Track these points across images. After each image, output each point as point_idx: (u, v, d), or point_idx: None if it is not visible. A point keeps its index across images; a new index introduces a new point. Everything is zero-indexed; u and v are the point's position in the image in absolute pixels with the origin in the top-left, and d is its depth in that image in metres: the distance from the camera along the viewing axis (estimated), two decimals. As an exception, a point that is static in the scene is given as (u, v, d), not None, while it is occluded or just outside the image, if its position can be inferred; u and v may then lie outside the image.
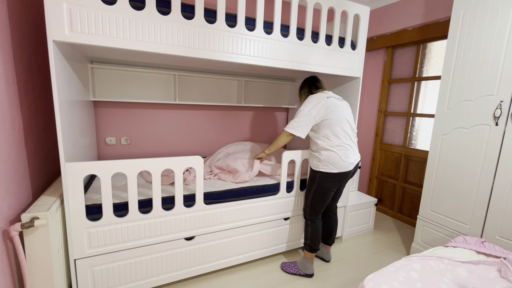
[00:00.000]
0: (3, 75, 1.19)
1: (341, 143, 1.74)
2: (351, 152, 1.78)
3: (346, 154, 1.74)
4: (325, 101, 1.74)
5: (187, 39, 1.47)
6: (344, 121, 1.76)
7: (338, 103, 1.79)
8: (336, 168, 1.74)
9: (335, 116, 1.73)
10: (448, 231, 1.93)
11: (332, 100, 1.77)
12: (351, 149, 1.78)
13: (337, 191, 1.95)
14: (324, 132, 1.75)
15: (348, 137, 1.77)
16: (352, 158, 1.77)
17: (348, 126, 1.78)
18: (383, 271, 1.24)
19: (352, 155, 1.78)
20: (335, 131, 1.73)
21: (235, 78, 2.66)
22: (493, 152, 1.67)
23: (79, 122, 1.67)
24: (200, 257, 1.77)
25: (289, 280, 1.85)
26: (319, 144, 1.77)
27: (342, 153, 1.73)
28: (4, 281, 1.14)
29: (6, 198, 1.19)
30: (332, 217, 2.03)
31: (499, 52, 1.63)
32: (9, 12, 1.26)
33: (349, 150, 1.76)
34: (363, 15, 2.06)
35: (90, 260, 1.46)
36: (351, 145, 1.78)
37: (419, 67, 2.71)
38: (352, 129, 1.82)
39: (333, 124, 1.73)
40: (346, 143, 1.75)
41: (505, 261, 1.30)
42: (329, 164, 1.74)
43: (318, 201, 1.84)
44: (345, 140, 1.75)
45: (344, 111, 1.79)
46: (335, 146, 1.73)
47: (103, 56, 1.89)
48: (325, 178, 1.77)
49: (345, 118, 1.77)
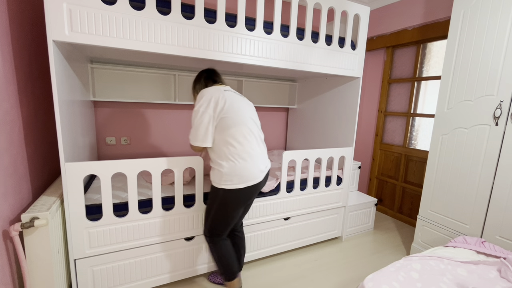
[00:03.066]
0: (3, 75, 1.19)
1: (249, 149, 1.38)
2: (262, 158, 1.46)
3: (255, 163, 1.40)
4: (221, 94, 1.37)
5: (187, 39, 1.47)
6: (250, 121, 1.42)
7: (240, 98, 1.47)
8: (243, 182, 1.36)
9: (236, 114, 1.36)
10: (448, 231, 1.93)
11: (232, 94, 1.43)
12: (261, 155, 1.46)
13: (246, 206, 1.61)
14: (224, 135, 1.35)
15: (255, 140, 1.44)
16: (262, 165, 1.45)
17: (255, 127, 1.46)
18: (383, 271, 1.24)
19: (262, 162, 1.46)
20: (238, 134, 1.36)
21: (235, 78, 2.66)
22: (493, 152, 1.67)
23: (79, 122, 1.67)
24: (200, 257, 1.77)
25: (289, 280, 1.85)
26: (218, 153, 1.38)
27: (250, 161, 1.37)
28: (4, 281, 1.14)
29: (6, 198, 1.19)
30: (238, 237, 1.66)
31: (499, 52, 1.63)
32: (9, 12, 1.26)
33: (259, 156, 1.44)
34: (363, 15, 2.06)
35: (90, 260, 1.46)
36: (260, 150, 1.47)
37: (419, 67, 2.71)
38: (260, 131, 1.51)
39: (235, 123, 1.35)
40: (255, 148, 1.42)
41: (505, 261, 1.30)
42: (234, 178, 1.35)
43: (221, 223, 1.46)
44: (253, 145, 1.41)
45: (248, 108, 1.46)
46: (240, 154, 1.35)
47: (103, 56, 1.89)
48: (230, 197, 1.39)
49: (250, 117, 1.43)
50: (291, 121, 3.12)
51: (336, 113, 2.43)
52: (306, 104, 2.84)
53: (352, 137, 2.25)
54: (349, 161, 2.26)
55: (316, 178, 2.15)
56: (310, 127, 2.79)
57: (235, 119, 1.35)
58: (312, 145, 2.75)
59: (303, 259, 2.10)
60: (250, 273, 1.91)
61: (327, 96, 2.54)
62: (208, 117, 1.34)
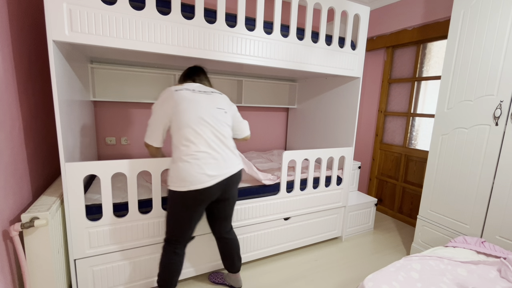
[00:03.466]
0: (3, 75, 1.19)
1: (194, 151, 1.30)
2: (213, 162, 1.34)
3: (200, 166, 1.30)
4: (170, 94, 1.35)
5: (187, 39, 1.47)
6: (200, 121, 1.33)
7: (197, 97, 1.37)
8: (185, 186, 1.30)
9: (183, 115, 1.32)
10: (448, 231, 1.93)
11: (184, 93, 1.36)
12: (213, 158, 1.34)
13: (218, 209, 1.50)
14: (175, 136, 1.35)
15: (205, 142, 1.33)
16: (213, 170, 1.33)
17: (208, 127, 1.35)
18: (383, 271, 1.24)
19: (215, 167, 1.34)
20: (184, 135, 1.32)
21: (235, 78, 2.66)
22: (493, 152, 1.67)
23: (79, 122, 1.67)
24: (200, 257, 1.77)
25: (289, 280, 1.85)
26: (172, 153, 1.38)
27: (194, 164, 1.30)
28: (4, 281, 1.14)
29: (6, 198, 1.19)
30: (228, 241, 1.61)
31: (499, 52, 1.63)
32: (9, 12, 1.26)
33: (209, 159, 1.33)
34: (363, 15, 2.06)
35: (90, 260, 1.47)
36: (215, 154, 1.35)
37: (419, 67, 2.71)
38: (220, 132, 1.38)
39: (181, 125, 1.32)
40: (203, 151, 1.32)
41: (505, 261, 1.30)
42: (178, 180, 1.31)
43: (175, 226, 1.41)
44: (202, 147, 1.32)
45: (205, 108, 1.36)
46: (184, 156, 1.31)
47: (103, 56, 1.89)
48: (176, 199, 1.34)
49: (201, 117, 1.34)
50: (291, 121, 3.12)
51: (336, 113, 2.43)
52: (306, 104, 2.84)
53: (352, 137, 2.25)
54: (349, 161, 2.26)
55: (316, 178, 2.15)
56: (310, 127, 2.79)
57: (181, 120, 1.32)
58: (312, 145, 2.75)
59: (303, 259, 2.10)
60: (250, 273, 1.91)
61: (327, 96, 2.54)
62: (157, 117, 1.37)
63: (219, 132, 1.39)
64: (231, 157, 1.43)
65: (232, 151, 1.45)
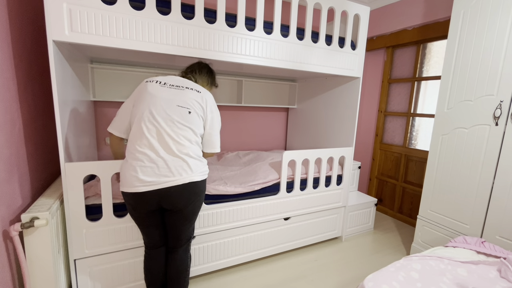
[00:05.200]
0: (3, 75, 1.19)
1: (132, 149, 1.17)
2: (150, 166, 1.15)
3: (134, 168, 1.15)
4: (141, 85, 1.26)
5: (187, 39, 1.47)
6: (149, 117, 1.17)
7: (160, 91, 1.21)
8: (121, 186, 1.20)
9: (137, 109, 1.20)
10: (448, 231, 1.93)
11: (150, 85, 1.23)
12: (151, 162, 1.16)
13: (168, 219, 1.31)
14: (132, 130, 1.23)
15: (147, 143, 1.16)
16: (148, 175, 1.15)
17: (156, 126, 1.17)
18: (383, 271, 1.24)
19: (151, 173, 1.15)
20: (132, 130, 1.21)
21: (235, 78, 2.66)
22: (493, 152, 1.67)
23: (79, 122, 1.67)
24: (200, 257, 1.77)
25: (289, 280, 1.85)
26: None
27: (129, 165, 1.17)
28: (4, 281, 1.14)
29: (6, 198, 1.19)
30: (171, 261, 1.36)
31: (499, 52, 1.63)
32: (9, 12, 1.26)
33: (145, 162, 1.15)
34: (363, 15, 2.06)
35: (90, 260, 1.46)
36: (151, 157, 1.16)
37: (419, 67, 2.71)
38: (171, 134, 1.18)
39: (134, 120, 1.20)
40: (142, 151, 1.15)
41: (505, 261, 1.30)
42: (121, 178, 1.20)
43: (139, 228, 1.34)
44: (142, 147, 1.16)
45: (160, 104, 1.19)
46: (127, 153, 1.20)
47: (103, 56, 1.89)
48: (124, 198, 1.24)
49: (151, 113, 1.17)
50: (291, 121, 3.12)
51: (336, 113, 2.43)
52: (306, 104, 2.84)
53: (352, 137, 2.25)
54: (349, 161, 2.26)
55: (316, 178, 2.15)
56: (310, 127, 2.79)
57: (135, 114, 1.21)
58: (312, 145, 2.75)
59: (303, 259, 2.10)
60: (250, 273, 1.91)
61: (327, 96, 2.54)
62: (123, 107, 1.27)
63: (169, 134, 1.18)
64: (180, 165, 1.19)
65: (183, 158, 1.19)
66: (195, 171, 1.23)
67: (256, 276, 1.88)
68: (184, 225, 1.32)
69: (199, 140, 1.29)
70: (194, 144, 1.25)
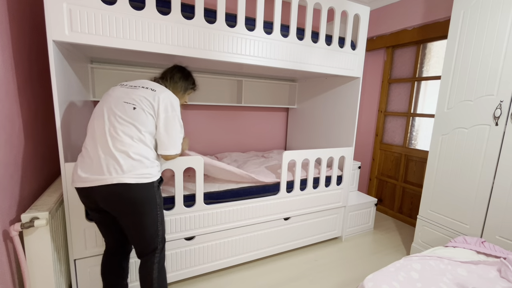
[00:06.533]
0: (3, 75, 1.19)
1: (83, 145, 1.19)
2: (88, 162, 1.13)
3: (77, 162, 1.17)
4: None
5: (187, 39, 1.47)
6: (99, 114, 1.18)
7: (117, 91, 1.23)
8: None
9: (98, 107, 1.22)
10: (448, 231, 1.93)
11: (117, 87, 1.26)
12: (89, 158, 1.13)
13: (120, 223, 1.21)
14: None
15: (91, 138, 1.16)
16: (84, 171, 1.12)
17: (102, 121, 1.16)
18: (383, 271, 1.24)
19: (88, 168, 1.12)
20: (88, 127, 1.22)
21: (235, 78, 2.66)
22: (493, 152, 1.67)
23: (79, 122, 1.67)
24: (200, 257, 1.77)
25: (289, 280, 1.85)
26: None
27: (78, 158, 1.18)
28: (4, 281, 1.14)
29: (6, 198, 1.19)
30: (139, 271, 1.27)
31: (499, 52, 1.63)
32: (9, 12, 1.26)
33: (85, 158, 1.14)
34: (363, 15, 2.06)
35: (90, 260, 1.46)
36: (90, 152, 1.14)
37: (419, 67, 2.71)
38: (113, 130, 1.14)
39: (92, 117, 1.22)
40: (86, 146, 1.17)
41: (505, 261, 1.30)
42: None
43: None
44: (87, 142, 1.17)
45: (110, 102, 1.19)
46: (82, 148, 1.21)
47: (103, 56, 1.89)
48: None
49: (102, 110, 1.18)
50: (291, 121, 3.12)
51: (336, 113, 2.43)
52: (306, 104, 2.84)
53: (352, 137, 2.25)
54: (349, 161, 2.26)
55: (316, 178, 2.15)
56: (310, 127, 2.79)
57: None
58: (312, 145, 2.75)
59: (303, 259, 2.10)
60: (250, 273, 1.91)
61: (327, 96, 2.54)
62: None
63: (109, 129, 1.14)
64: (112, 164, 1.10)
65: (116, 156, 1.10)
66: (126, 172, 1.11)
67: (256, 276, 1.88)
68: (130, 233, 1.21)
69: (147, 138, 1.19)
70: (137, 141, 1.15)
